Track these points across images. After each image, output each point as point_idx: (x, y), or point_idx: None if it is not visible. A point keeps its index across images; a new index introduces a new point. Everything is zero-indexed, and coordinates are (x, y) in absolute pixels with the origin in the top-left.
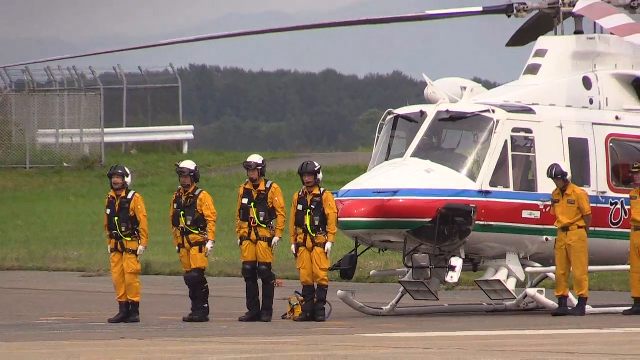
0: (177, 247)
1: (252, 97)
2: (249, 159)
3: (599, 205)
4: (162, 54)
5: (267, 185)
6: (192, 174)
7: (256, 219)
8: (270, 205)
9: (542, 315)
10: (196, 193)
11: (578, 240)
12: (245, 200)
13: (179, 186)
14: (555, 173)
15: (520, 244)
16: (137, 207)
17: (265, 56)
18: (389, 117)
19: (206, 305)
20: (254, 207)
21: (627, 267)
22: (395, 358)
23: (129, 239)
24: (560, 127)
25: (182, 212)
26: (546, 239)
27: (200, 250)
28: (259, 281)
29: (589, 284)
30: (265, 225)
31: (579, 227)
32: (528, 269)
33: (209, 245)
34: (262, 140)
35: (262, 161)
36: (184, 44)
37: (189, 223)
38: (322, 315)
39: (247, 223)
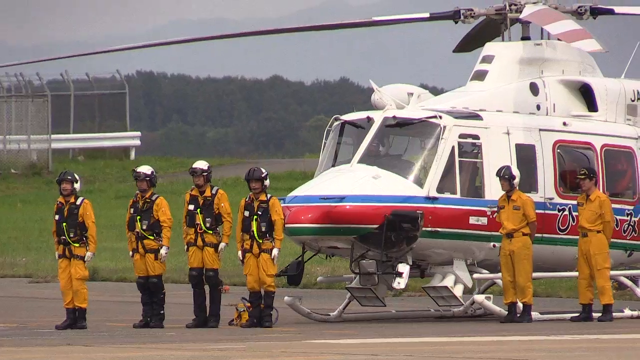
0: (131, 252)
1: (199, 103)
2: (194, 165)
3: (546, 211)
4: (110, 60)
5: (214, 192)
6: (148, 178)
7: (202, 225)
8: (217, 212)
9: (490, 322)
10: (153, 198)
11: (522, 248)
12: (191, 207)
13: (137, 191)
14: (503, 173)
15: (467, 250)
16: (85, 214)
17: (213, 63)
18: (335, 123)
19: (162, 312)
20: (201, 213)
21: (575, 274)
22: None
23: (77, 245)
24: (508, 133)
25: (138, 217)
26: (494, 246)
27: (156, 258)
28: (206, 287)
29: (537, 291)
30: (211, 232)
31: (524, 234)
32: (476, 275)
33: (163, 251)
34: (209, 146)
35: (208, 167)
36: (132, 50)
37: (144, 228)
38: (269, 322)
39: (193, 229)
